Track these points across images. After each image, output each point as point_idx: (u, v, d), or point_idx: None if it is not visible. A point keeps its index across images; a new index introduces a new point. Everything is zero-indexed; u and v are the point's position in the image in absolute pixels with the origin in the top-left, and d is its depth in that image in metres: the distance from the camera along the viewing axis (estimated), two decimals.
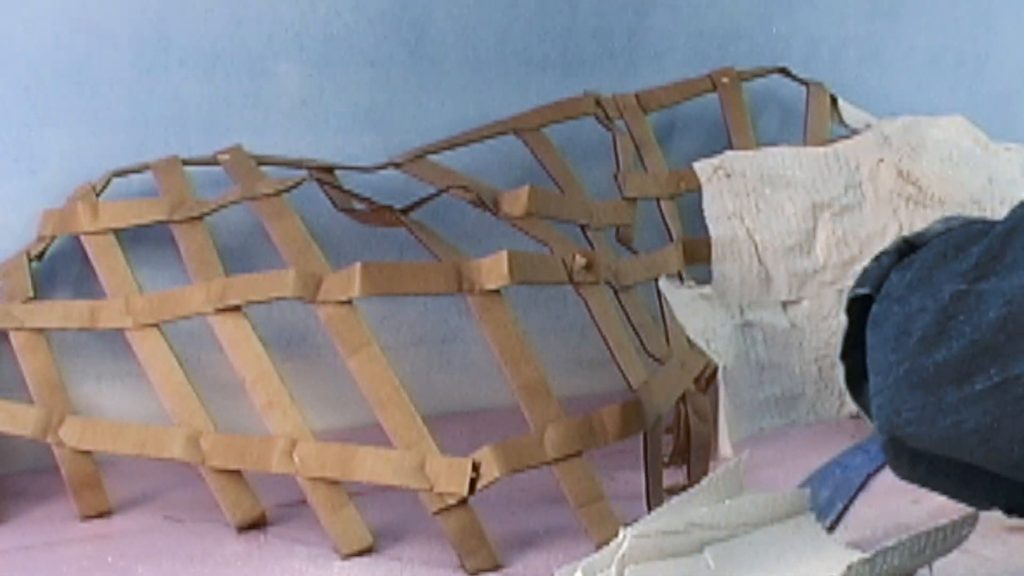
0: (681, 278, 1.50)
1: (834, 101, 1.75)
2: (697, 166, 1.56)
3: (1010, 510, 0.94)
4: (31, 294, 1.42)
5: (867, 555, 1.01)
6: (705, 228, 1.51)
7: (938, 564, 1.08)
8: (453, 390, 1.68)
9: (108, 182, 1.49)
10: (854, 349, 0.90)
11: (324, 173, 1.51)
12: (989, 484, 0.88)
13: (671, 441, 1.44)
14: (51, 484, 1.38)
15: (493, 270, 1.27)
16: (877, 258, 0.91)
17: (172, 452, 1.32)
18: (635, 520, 1.05)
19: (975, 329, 0.81)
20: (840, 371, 0.94)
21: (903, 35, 1.97)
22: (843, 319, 0.92)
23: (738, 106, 1.71)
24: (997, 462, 0.83)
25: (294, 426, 1.29)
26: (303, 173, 1.46)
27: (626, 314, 1.39)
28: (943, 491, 0.93)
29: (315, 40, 1.60)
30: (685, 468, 1.40)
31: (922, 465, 0.89)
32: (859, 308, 0.90)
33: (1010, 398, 0.80)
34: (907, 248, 0.90)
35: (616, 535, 1.03)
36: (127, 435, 1.35)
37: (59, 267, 1.49)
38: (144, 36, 1.52)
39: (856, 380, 0.91)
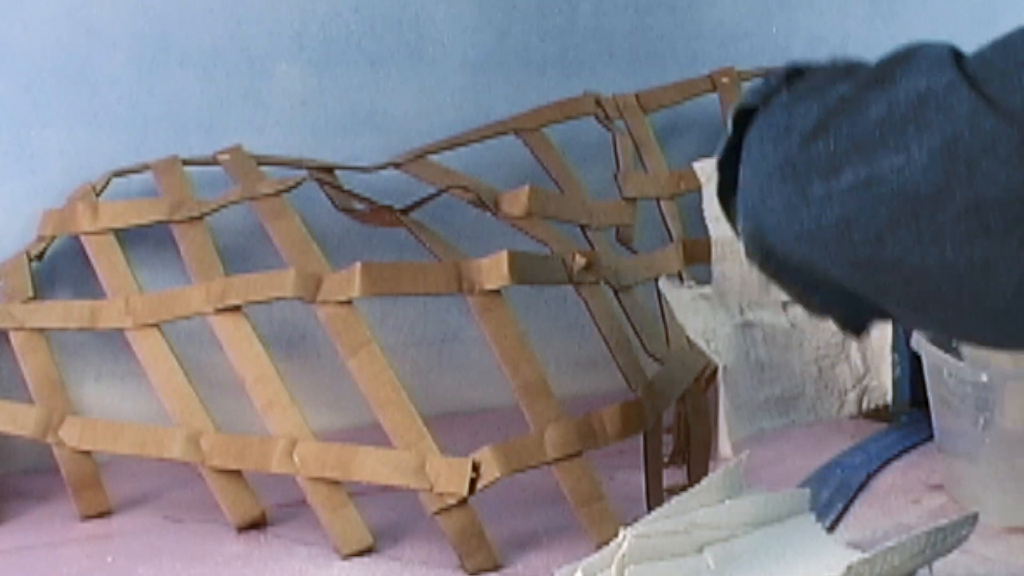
0: (681, 278, 1.50)
1: None
2: (697, 166, 1.55)
3: (844, 324, 0.93)
4: (31, 294, 1.41)
5: (867, 555, 1.01)
6: (705, 228, 1.50)
7: (938, 564, 1.08)
8: (453, 390, 1.67)
9: (108, 182, 1.49)
10: (733, 163, 0.90)
11: (324, 173, 1.51)
12: (830, 293, 0.88)
13: (671, 441, 1.44)
14: (51, 484, 1.38)
15: (493, 270, 1.27)
16: (765, 79, 0.91)
17: (172, 452, 1.32)
18: (635, 520, 1.06)
19: (853, 126, 0.82)
20: (714, 180, 0.92)
21: (903, 35, 1.96)
22: (728, 129, 0.91)
23: None
24: (846, 262, 0.83)
25: (294, 426, 1.28)
26: (303, 173, 1.46)
27: (626, 314, 1.39)
28: (788, 291, 0.93)
29: (315, 40, 1.60)
30: (685, 468, 1.40)
31: (774, 260, 0.89)
32: (744, 122, 0.90)
33: (871, 195, 0.80)
34: (795, 73, 0.90)
35: (616, 535, 1.03)
36: (127, 435, 1.35)
37: (59, 267, 1.49)
38: (144, 36, 1.52)
39: (729, 193, 0.90)
